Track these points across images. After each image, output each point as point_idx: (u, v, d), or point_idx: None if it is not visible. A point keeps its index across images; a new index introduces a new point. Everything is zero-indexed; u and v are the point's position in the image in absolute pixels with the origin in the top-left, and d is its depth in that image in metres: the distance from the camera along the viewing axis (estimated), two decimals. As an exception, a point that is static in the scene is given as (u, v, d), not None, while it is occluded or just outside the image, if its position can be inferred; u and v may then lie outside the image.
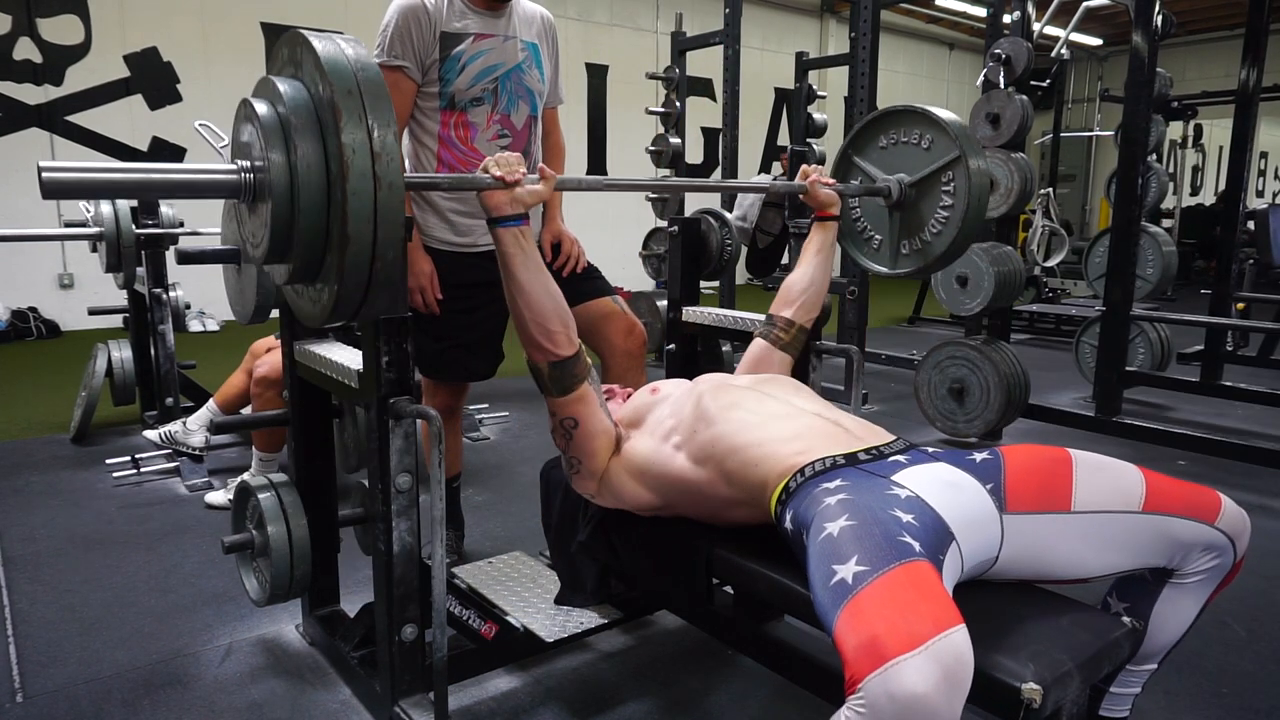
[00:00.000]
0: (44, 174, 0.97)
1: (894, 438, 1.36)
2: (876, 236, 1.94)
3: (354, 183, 1.04)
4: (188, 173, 1.11)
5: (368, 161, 1.05)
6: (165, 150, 6.69)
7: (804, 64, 5.02)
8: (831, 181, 1.80)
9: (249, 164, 1.13)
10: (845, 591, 0.98)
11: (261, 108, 1.11)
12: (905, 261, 1.89)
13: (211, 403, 3.08)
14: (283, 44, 1.19)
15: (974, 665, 0.91)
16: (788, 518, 1.22)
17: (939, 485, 1.18)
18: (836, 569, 1.01)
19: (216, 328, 3.89)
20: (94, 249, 3.38)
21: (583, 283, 2.17)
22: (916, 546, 1.03)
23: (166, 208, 3.36)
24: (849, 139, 1.95)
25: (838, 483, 1.19)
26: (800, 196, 1.81)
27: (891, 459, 1.27)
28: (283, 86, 1.12)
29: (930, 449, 1.33)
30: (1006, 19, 3.47)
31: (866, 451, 1.29)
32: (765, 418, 1.37)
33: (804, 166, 1.83)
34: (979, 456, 1.27)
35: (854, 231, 1.98)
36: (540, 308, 1.39)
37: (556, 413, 1.47)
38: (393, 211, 1.07)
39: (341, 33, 1.17)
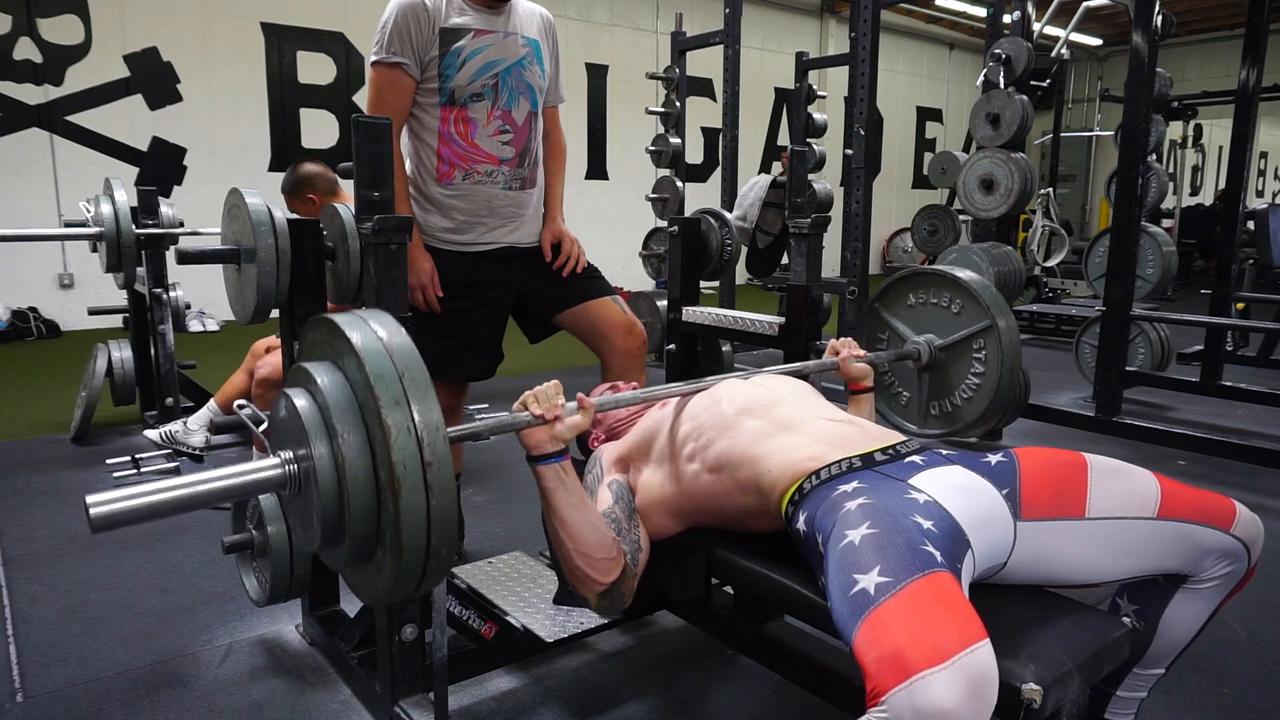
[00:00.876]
0: (92, 511, 0.94)
1: (907, 437, 1.35)
2: (905, 394, 1.92)
3: (406, 498, 0.97)
4: (233, 477, 1.03)
5: (419, 476, 0.98)
6: (165, 150, 6.69)
7: (804, 64, 5.02)
8: (863, 353, 1.71)
9: (292, 455, 1.07)
10: (867, 602, 0.97)
11: (301, 401, 1.05)
12: (934, 423, 1.86)
13: (212, 403, 3.08)
14: (312, 328, 1.12)
15: None
16: (800, 519, 1.21)
17: (956, 490, 1.17)
18: (858, 578, 1.00)
19: (216, 328, 3.89)
20: (94, 249, 3.37)
21: (583, 282, 2.17)
22: (938, 556, 1.02)
23: (166, 208, 3.36)
24: (877, 294, 1.94)
25: (855, 485, 1.18)
26: (833, 372, 1.73)
27: (908, 460, 1.26)
28: (322, 379, 1.05)
29: (944, 450, 1.32)
30: (1006, 19, 3.47)
31: (883, 451, 1.28)
32: (777, 425, 1.36)
33: (832, 342, 1.74)
34: (994, 459, 1.26)
35: (881, 384, 1.93)
36: (585, 541, 1.32)
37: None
38: (447, 517, 1.01)
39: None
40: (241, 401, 1.45)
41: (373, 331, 1.05)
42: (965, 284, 1.76)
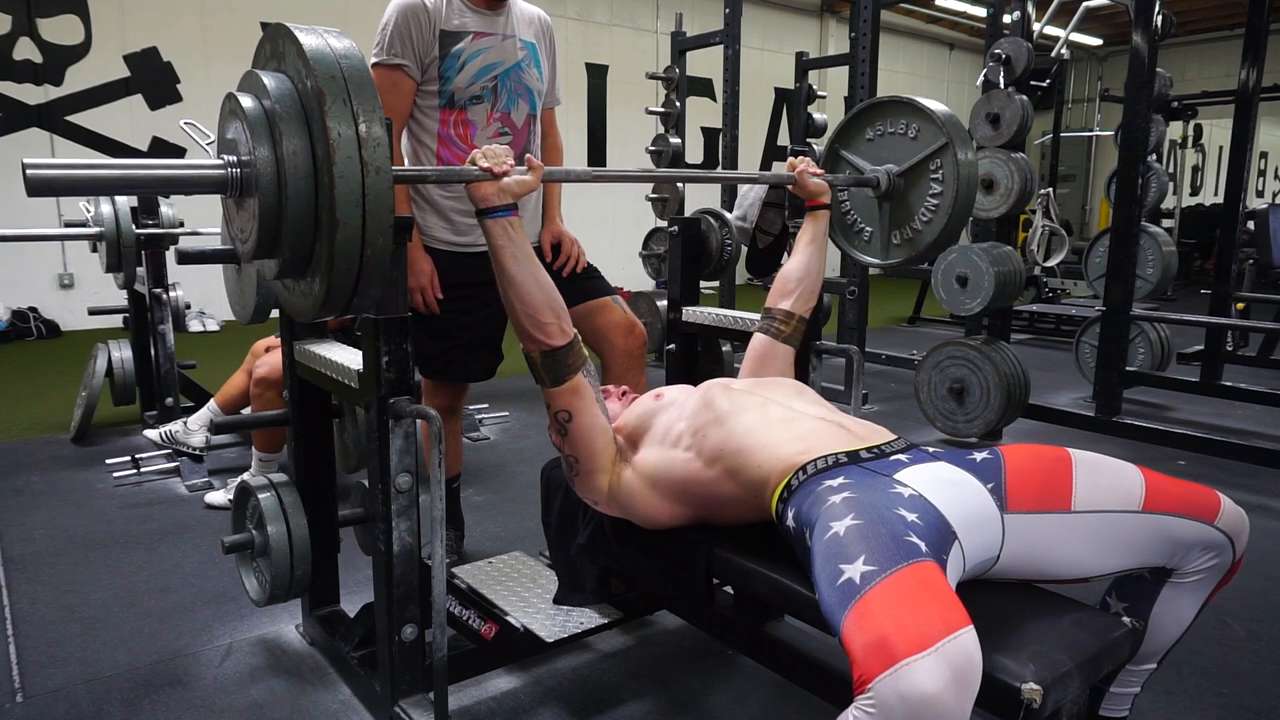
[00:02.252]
0: (28, 171, 0.98)
1: (895, 436, 1.36)
2: (867, 229, 1.94)
3: (341, 167, 1.04)
4: (173, 168, 1.10)
5: (354, 147, 1.05)
6: (165, 150, 6.69)
7: (804, 64, 5.02)
8: (819, 171, 1.80)
9: (235, 159, 1.13)
10: (853, 591, 0.98)
11: (246, 101, 1.11)
12: (896, 252, 1.89)
13: (212, 403, 3.08)
14: (266, 38, 1.19)
15: None
16: (789, 515, 1.22)
17: (941, 484, 1.19)
18: (844, 568, 1.01)
19: (216, 328, 3.89)
20: (94, 249, 3.38)
21: (583, 282, 2.17)
22: (923, 546, 1.03)
23: (166, 208, 3.36)
24: (835, 131, 1.95)
25: (841, 480, 1.19)
26: (789, 187, 1.82)
27: (893, 457, 1.28)
28: (267, 79, 1.12)
29: (931, 448, 1.33)
30: (1006, 19, 3.47)
31: (869, 450, 1.29)
32: (769, 421, 1.37)
33: (791, 159, 1.83)
34: (979, 456, 1.28)
35: (844, 225, 1.98)
36: (530, 298, 1.39)
37: (551, 405, 1.47)
38: (381, 197, 1.07)
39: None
40: (189, 120, 1.46)
41: (320, 36, 1.11)
42: (920, 106, 1.77)
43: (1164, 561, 1.26)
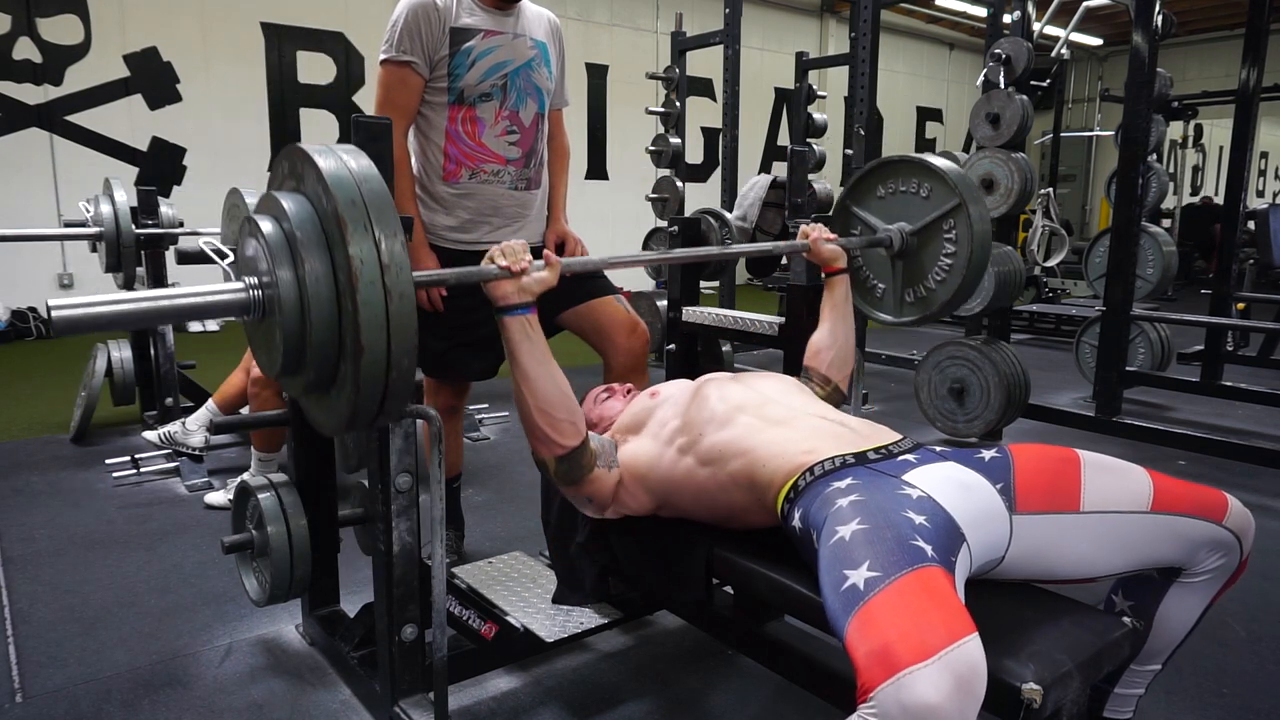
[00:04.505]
0: (54, 314, 0.96)
1: (901, 437, 1.36)
2: (880, 285, 1.92)
3: (364, 294, 1.03)
4: (195, 296, 1.08)
5: (376, 271, 1.04)
6: (165, 150, 6.69)
7: (804, 64, 5.01)
8: (833, 237, 1.76)
9: (256, 280, 1.11)
10: (857, 598, 0.97)
11: (266, 224, 1.10)
12: (909, 310, 1.87)
13: (211, 403, 3.08)
14: (283, 159, 1.17)
15: None
16: (796, 516, 1.22)
17: (950, 485, 1.18)
18: (848, 574, 1.00)
19: (216, 328, 3.90)
20: (94, 249, 3.37)
21: (586, 282, 2.17)
22: (929, 550, 1.02)
23: (166, 207, 3.36)
24: (847, 189, 1.93)
25: (849, 482, 1.18)
26: (804, 255, 1.78)
27: (901, 458, 1.27)
28: (286, 202, 1.10)
29: (938, 448, 1.32)
30: (1006, 19, 3.46)
31: (876, 450, 1.29)
32: (770, 422, 1.37)
33: (803, 226, 1.79)
34: (988, 455, 1.27)
35: (857, 280, 1.95)
36: (547, 396, 1.36)
37: (568, 494, 1.46)
38: (405, 322, 1.06)
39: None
40: (209, 240, 1.45)
41: (338, 157, 1.09)
42: (932, 167, 1.76)
43: (1172, 561, 1.25)
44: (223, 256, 1.44)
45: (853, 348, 1.75)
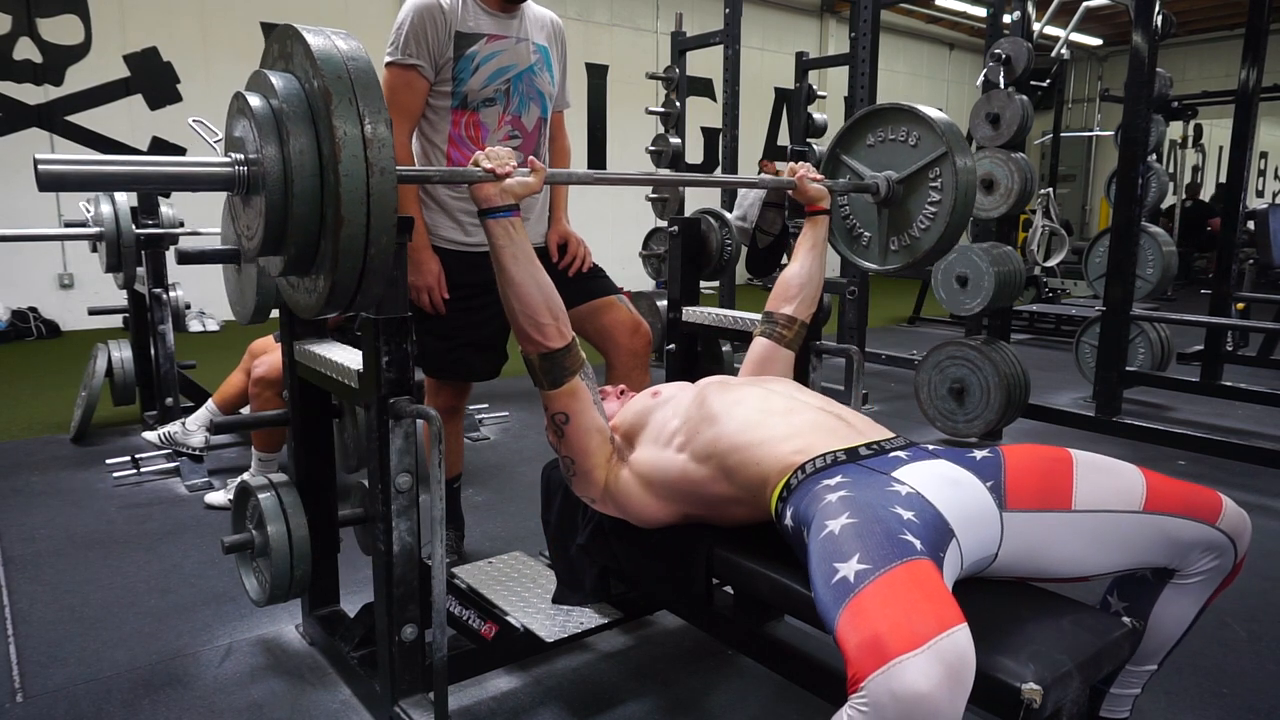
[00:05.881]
0: (40, 166, 1.00)
1: (894, 434, 1.36)
2: (865, 234, 1.95)
3: (346, 165, 1.05)
4: (182, 165, 1.12)
5: (360, 147, 1.06)
6: (165, 150, 6.68)
7: (804, 64, 5.02)
8: (819, 177, 1.81)
9: (242, 157, 1.13)
10: (847, 590, 0.98)
11: (254, 100, 1.12)
12: (894, 258, 1.89)
13: (210, 403, 3.08)
14: (274, 38, 1.21)
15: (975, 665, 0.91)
16: (788, 515, 1.22)
17: (939, 482, 1.19)
18: (838, 567, 1.01)
19: (216, 328, 3.90)
20: (94, 249, 3.38)
21: (588, 282, 2.18)
22: (918, 545, 1.03)
23: (167, 208, 3.36)
24: (837, 137, 1.95)
25: (838, 479, 1.19)
26: (789, 192, 1.82)
27: (892, 454, 1.28)
28: (274, 79, 1.13)
29: (930, 446, 1.33)
30: (1006, 19, 3.47)
31: (867, 446, 1.29)
32: (766, 414, 1.37)
33: (791, 164, 1.83)
34: (979, 454, 1.28)
35: (844, 229, 1.98)
36: (529, 299, 1.40)
37: (549, 407, 1.47)
38: (385, 197, 1.09)
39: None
40: (197, 118, 1.47)
41: (328, 37, 1.12)
42: (922, 115, 1.78)
43: (1165, 562, 1.25)
44: (212, 134, 1.47)
45: (820, 288, 1.80)
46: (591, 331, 2.15)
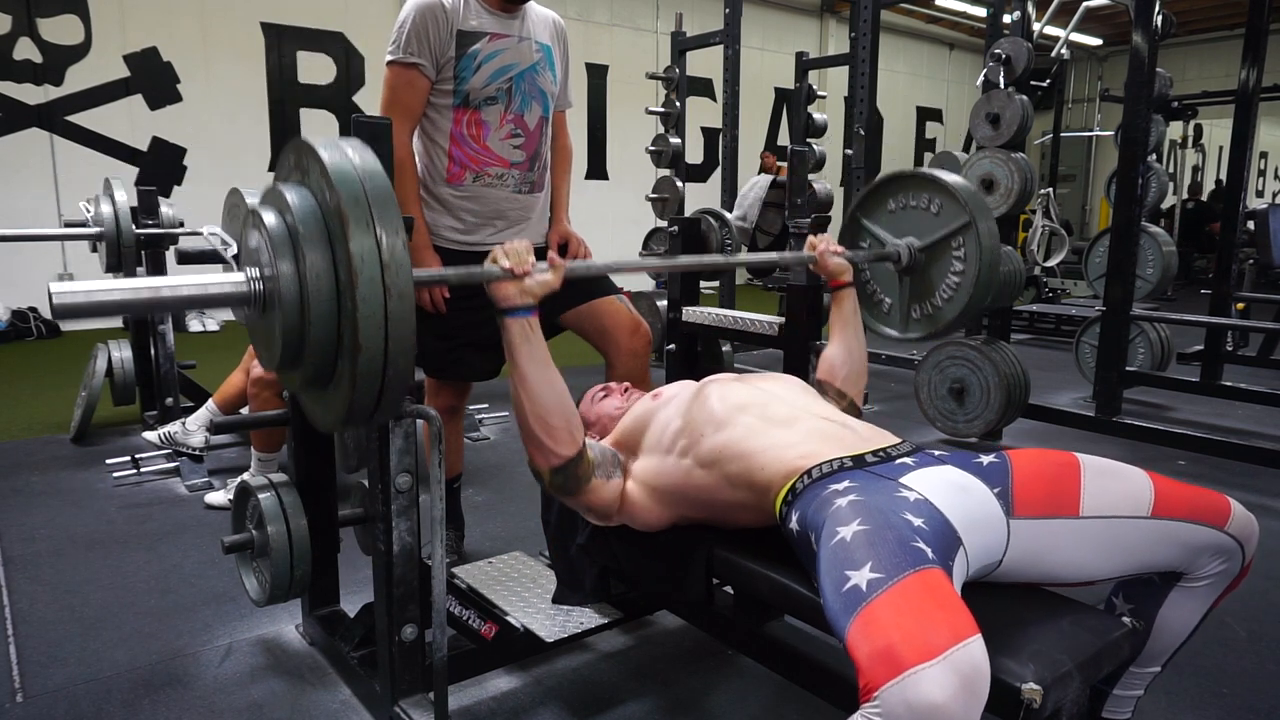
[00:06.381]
0: (55, 297, 0.95)
1: (900, 440, 1.36)
2: (886, 299, 1.91)
3: (363, 290, 1.02)
4: (198, 287, 1.07)
5: (377, 269, 1.03)
6: (165, 150, 6.70)
7: (804, 64, 5.01)
8: (840, 250, 1.74)
9: (257, 273, 1.11)
10: (859, 598, 0.97)
11: (269, 217, 1.10)
12: (915, 326, 1.86)
13: (210, 403, 3.08)
14: (289, 151, 1.17)
15: None
16: (793, 519, 1.22)
17: (947, 488, 1.18)
18: (850, 575, 1.00)
19: (216, 328, 3.90)
20: (94, 249, 3.37)
21: (588, 282, 2.18)
22: (930, 553, 1.02)
23: (166, 208, 3.36)
24: (857, 202, 1.93)
25: (846, 484, 1.18)
26: (810, 267, 1.75)
27: (899, 461, 1.27)
28: (290, 195, 1.10)
29: (937, 452, 1.32)
30: (1006, 19, 3.47)
31: (874, 453, 1.29)
32: (770, 422, 1.36)
33: (810, 238, 1.77)
34: (986, 460, 1.27)
35: (864, 293, 1.94)
36: (542, 400, 1.34)
37: (566, 502, 1.46)
38: (403, 321, 1.05)
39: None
40: (213, 229, 1.44)
41: (342, 151, 1.08)
42: (944, 183, 1.76)
43: (1172, 566, 1.25)
44: (227, 247, 1.44)
45: (865, 362, 1.73)
46: (591, 332, 2.15)
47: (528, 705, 1.72)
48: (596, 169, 9.24)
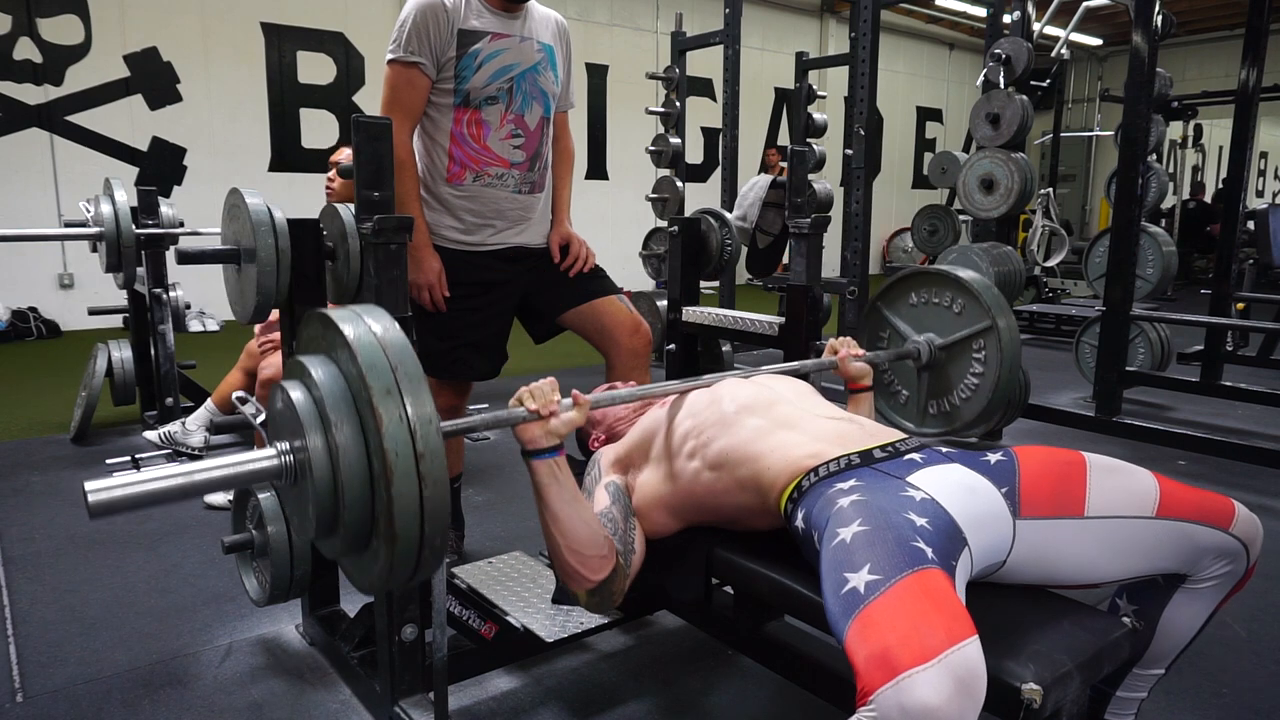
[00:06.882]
0: (91, 498, 0.94)
1: (907, 435, 1.35)
2: (904, 392, 1.92)
3: (399, 486, 1.00)
4: (230, 467, 1.05)
5: (411, 462, 1.00)
6: (165, 150, 6.69)
7: (804, 64, 5.02)
8: (861, 353, 1.73)
9: (288, 446, 1.08)
10: (857, 601, 0.97)
11: (296, 393, 1.07)
12: (932, 422, 1.86)
13: (210, 402, 3.08)
14: (311, 321, 1.13)
15: None
16: (799, 517, 1.22)
17: (954, 488, 1.17)
18: (848, 577, 1.00)
19: (216, 328, 3.90)
20: (94, 249, 3.37)
21: (588, 281, 2.18)
22: (929, 553, 1.02)
23: (166, 208, 3.36)
24: (879, 293, 1.94)
25: (852, 483, 1.18)
26: (832, 371, 1.75)
27: (907, 457, 1.26)
28: (317, 372, 1.06)
29: (944, 449, 1.31)
30: (1006, 19, 3.47)
31: (882, 449, 1.28)
32: (777, 424, 1.36)
33: (831, 342, 1.75)
34: (993, 458, 1.26)
35: (880, 382, 1.94)
36: (576, 535, 1.32)
37: None
38: (439, 510, 1.03)
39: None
40: (241, 394, 1.44)
41: (366, 326, 1.06)
42: (967, 284, 1.76)
43: (1177, 568, 1.24)
44: (256, 416, 1.43)
45: None
46: (591, 331, 2.15)
47: (528, 705, 1.72)
48: (596, 169, 9.25)
